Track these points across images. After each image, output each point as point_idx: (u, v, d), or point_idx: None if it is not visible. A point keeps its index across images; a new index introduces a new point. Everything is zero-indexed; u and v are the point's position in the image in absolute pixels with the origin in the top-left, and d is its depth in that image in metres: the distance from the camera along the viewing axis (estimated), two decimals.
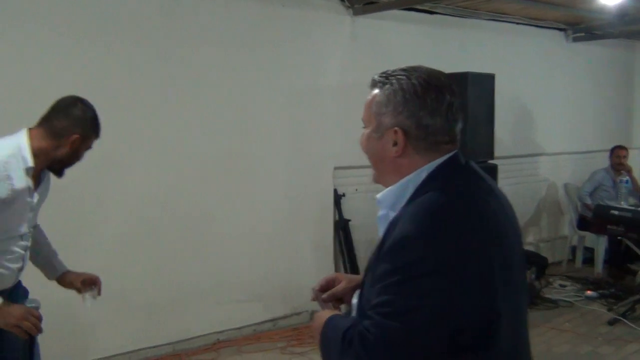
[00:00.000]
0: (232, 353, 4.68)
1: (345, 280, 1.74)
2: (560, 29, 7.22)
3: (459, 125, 1.50)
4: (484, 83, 5.48)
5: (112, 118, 4.28)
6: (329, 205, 5.45)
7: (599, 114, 7.78)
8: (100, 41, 4.21)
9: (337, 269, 5.50)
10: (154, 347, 4.55)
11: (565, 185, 7.27)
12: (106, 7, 4.24)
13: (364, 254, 5.50)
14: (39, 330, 2.46)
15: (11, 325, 2.39)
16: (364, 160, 1.61)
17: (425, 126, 1.45)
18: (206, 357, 4.60)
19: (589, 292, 6.01)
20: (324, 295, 1.71)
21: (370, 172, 1.58)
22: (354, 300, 1.60)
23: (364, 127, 1.55)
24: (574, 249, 7.19)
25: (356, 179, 5.40)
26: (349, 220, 5.49)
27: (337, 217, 5.48)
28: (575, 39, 7.31)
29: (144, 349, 4.51)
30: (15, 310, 2.40)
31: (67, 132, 2.44)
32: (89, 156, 2.58)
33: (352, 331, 1.36)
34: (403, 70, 1.50)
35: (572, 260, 7.18)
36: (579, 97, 7.48)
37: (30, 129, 2.45)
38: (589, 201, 6.74)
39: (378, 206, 1.55)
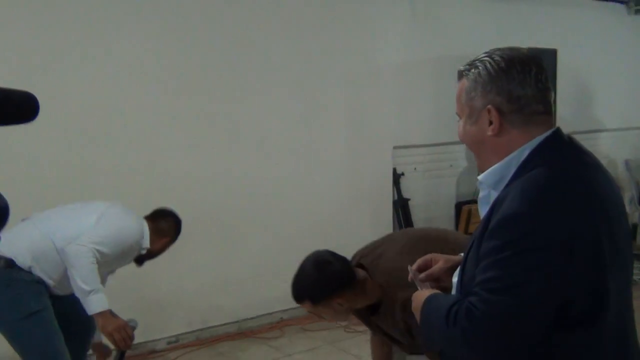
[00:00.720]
0: (296, 331, 4.75)
1: (443, 260, 1.75)
2: (621, 2, 7.01)
3: (552, 94, 1.49)
4: (546, 58, 5.32)
5: (189, 107, 4.40)
6: (387, 184, 5.45)
7: None
8: (176, 32, 4.32)
9: None
10: (221, 325, 4.66)
11: (627, 162, 7.10)
12: None
13: None
14: (128, 347, 2.75)
15: (107, 331, 2.69)
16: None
17: (517, 98, 1.45)
18: (271, 335, 4.68)
19: None
20: (422, 275, 1.73)
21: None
22: (454, 279, 1.61)
23: (459, 120, 1.55)
24: (635, 227, 7.03)
25: (415, 158, 5.35)
26: (409, 199, 5.48)
27: (395, 196, 5.49)
28: (638, 12, 7.08)
29: (211, 327, 4.63)
30: (116, 321, 2.72)
31: (164, 235, 3.11)
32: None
33: (456, 307, 1.37)
34: (485, 53, 1.52)
35: (633, 238, 7.03)
36: None
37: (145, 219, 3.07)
38: None
39: (479, 187, 1.55)
